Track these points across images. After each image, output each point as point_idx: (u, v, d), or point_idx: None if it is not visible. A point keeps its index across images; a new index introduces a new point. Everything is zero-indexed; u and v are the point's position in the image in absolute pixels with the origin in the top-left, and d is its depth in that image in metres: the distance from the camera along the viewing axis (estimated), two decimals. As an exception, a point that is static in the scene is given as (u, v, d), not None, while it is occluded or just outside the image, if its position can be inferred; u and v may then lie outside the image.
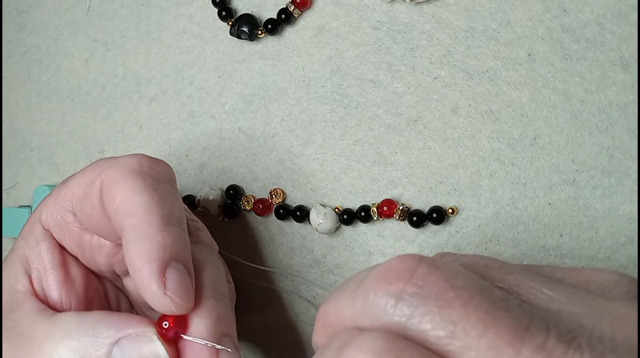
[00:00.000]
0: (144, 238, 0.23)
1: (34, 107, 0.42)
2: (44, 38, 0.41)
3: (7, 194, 0.43)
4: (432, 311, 0.15)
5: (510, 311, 0.15)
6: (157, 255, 0.22)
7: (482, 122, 0.30)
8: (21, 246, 0.26)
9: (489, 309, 0.15)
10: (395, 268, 0.16)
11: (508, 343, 0.14)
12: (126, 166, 0.24)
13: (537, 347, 0.14)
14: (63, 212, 0.26)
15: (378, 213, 0.31)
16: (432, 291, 0.16)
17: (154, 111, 0.37)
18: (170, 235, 0.23)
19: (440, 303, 0.15)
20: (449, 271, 0.16)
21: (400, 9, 0.31)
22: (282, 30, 0.34)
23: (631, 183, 0.27)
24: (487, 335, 0.15)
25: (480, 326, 0.15)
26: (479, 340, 0.15)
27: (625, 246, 0.27)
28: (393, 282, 0.16)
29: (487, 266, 0.18)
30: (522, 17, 0.29)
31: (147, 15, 0.38)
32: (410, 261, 0.16)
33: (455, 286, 0.16)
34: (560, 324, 0.15)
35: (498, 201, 0.29)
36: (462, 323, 0.15)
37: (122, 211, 0.23)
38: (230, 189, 0.34)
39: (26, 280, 0.26)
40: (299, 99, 0.33)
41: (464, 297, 0.15)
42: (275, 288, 0.34)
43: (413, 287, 0.16)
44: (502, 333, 0.15)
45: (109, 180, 0.24)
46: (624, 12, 0.28)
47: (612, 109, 0.28)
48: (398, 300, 0.16)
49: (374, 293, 0.16)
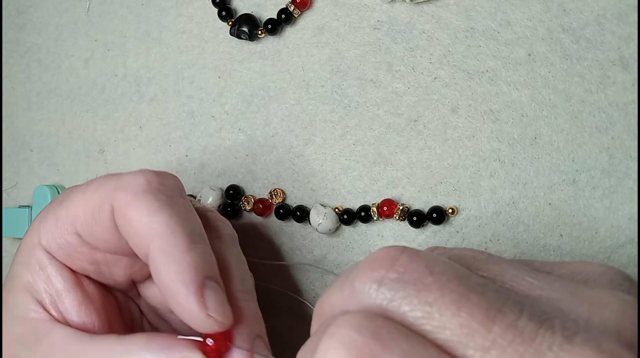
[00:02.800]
0: (173, 260, 0.22)
1: (34, 107, 0.42)
2: (44, 38, 0.41)
3: (7, 195, 0.43)
4: (411, 295, 0.16)
5: (485, 295, 0.16)
6: (191, 276, 0.22)
7: (482, 122, 0.30)
8: (22, 274, 0.26)
9: (463, 292, 0.16)
10: (380, 258, 0.17)
11: (480, 322, 0.15)
12: (136, 187, 0.24)
13: (507, 325, 0.15)
14: (66, 235, 0.25)
15: (378, 213, 0.31)
16: (411, 276, 0.17)
17: (154, 111, 0.37)
18: (198, 253, 0.23)
19: (418, 287, 0.16)
20: (430, 259, 0.17)
21: (400, 9, 0.31)
22: (282, 30, 0.34)
23: (631, 183, 0.27)
24: (460, 315, 0.16)
25: (454, 306, 0.16)
26: (452, 320, 0.16)
27: (625, 246, 0.27)
28: (376, 269, 0.17)
29: (474, 258, 0.19)
30: (522, 17, 0.29)
31: (147, 15, 0.38)
32: (393, 251, 0.17)
33: (433, 272, 0.17)
34: (536, 307, 0.16)
35: (498, 201, 0.29)
36: (437, 304, 0.16)
37: (142, 235, 0.23)
38: (230, 189, 0.34)
39: (39, 307, 0.25)
40: (299, 99, 0.33)
41: (441, 281, 0.16)
42: (275, 288, 0.34)
43: (394, 273, 0.17)
44: (474, 313, 0.16)
45: (120, 204, 0.23)
46: (624, 12, 0.28)
47: (612, 109, 0.28)
48: (380, 285, 0.17)
49: (359, 280, 0.17)
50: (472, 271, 0.18)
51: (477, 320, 0.16)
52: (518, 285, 0.17)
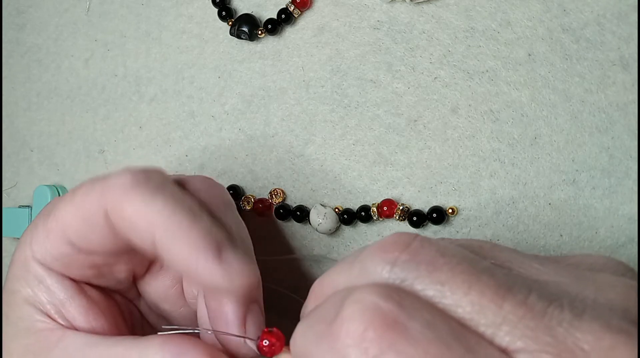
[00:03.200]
0: (182, 236, 0.22)
1: (34, 107, 0.42)
2: (44, 38, 0.41)
3: (7, 195, 0.43)
4: (423, 275, 0.17)
5: (494, 276, 0.17)
6: (205, 243, 0.22)
7: (482, 122, 0.30)
8: (21, 288, 0.25)
9: (473, 272, 0.17)
10: (392, 241, 0.18)
11: (490, 300, 0.16)
12: (124, 185, 0.23)
13: (517, 303, 0.16)
14: (60, 246, 0.25)
15: (378, 213, 0.31)
16: (424, 258, 0.17)
17: (154, 111, 0.37)
18: (204, 223, 0.23)
19: (431, 268, 0.17)
20: (441, 245, 0.18)
21: (400, 9, 0.31)
22: (282, 30, 0.34)
23: (631, 183, 0.27)
24: (471, 293, 0.16)
25: (465, 285, 0.16)
26: (463, 298, 0.16)
27: (625, 246, 0.27)
28: (389, 251, 0.18)
29: (480, 247, 0.19)
30: (522, 17, 0.29)
31: (147, 15, 0.38)
32: (406, 236, 0.18)
33: (445, 255, 0.17)
34: (544, 289, 0.17)
35: (498, 201, 0.29)
36: (449, 283, 0.17)
37: (144, 226, 0.23)
38: (230, 189, 0.34)
39: (45, 318, 0.25)
40: (299, 99, 0.33)
41: (452, 263, 0.17)
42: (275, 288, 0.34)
43: (407, 255, 0.17)
44: (485, 292, 0.16)
45: (113, 205, 0.23)
46: (624, 12, 0.28)
47: (612, 109, 0.28)
48: (393, 266, 0.17)
49: (370, 261, 0.18)
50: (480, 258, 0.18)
51: (487, 297, 0.16)
52: (525, 270, 0.18)
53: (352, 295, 0.17)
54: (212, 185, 0.27)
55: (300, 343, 0.19)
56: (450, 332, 0.16)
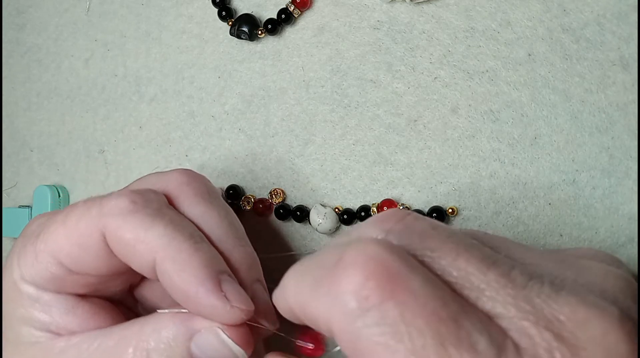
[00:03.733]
0: (183, 264, 0.23)
1: (34, 107, 0.42)
2: (44, 38, 0.41)
3: (7, 195, 0.43)
4: (415, 242, 0.18)
5: (481, 251, 0.18)
6: (206, 274, 0.23)
7: (482, 122, 0.30)
8: (14, 309, 0.25)
9: (462, 244, 0.18)
10: (388, 213, 0.19)
11: (476, 268, 0.17)
12: (122, 209, 0.23)
13: (500, 273, 0.17)
14: (50, 268, 0.24)
15: (378, 213, 0.31)
16: (416, 229, 0.18)
17: (154, 111, 0.37)
18: (205, 252, 0.23)
19: (422, 237, 0.18)
20: (433, 221, 0.19)
21: (400, 9, 0.31)
22: (282, 30, 0.34)
23: (631, 183, 0.27)
24: (459, 260, 0.17)
25: (453, 253, 0.17)
26: (452, 263, 0.17)
27: (625, 246, 0.27)
28: (385, 221, 0.19)
29: (473, 234, 0.20)
30: (522, 17, 0.29)
31: (147, 15, 0.38)
32: (401, 211, 0.19)
33: (436, 229, 0.18)
34: (527, 268, 0.18)
35: (498, 201, 0.29)
36: (438, 251, 0.18)
37: (145, 252, 0.23)
38: (230, 189, 0.34)
39: (46, 333, 0.25)
40: (299, 99, 0.33)
41: (442, 235, 0.18)
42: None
43: (401, 225, 0.18)
44: (471, 261, 0.17)
45: (112, 229, 0.23)
46: (624, 12, 0.28)
47: (612, 109, 0.28)
48: (388, 233, 0.18)
49: (366, 229, 0.19)
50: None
51: (473, 265, 0.17)
52: (512, 254, 0.19)
53: (354, 244, 0.17)
54: (192, 177, 0.27)
55: (292, 290, 0.19)
56: (447, 289, 0.17)
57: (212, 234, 0.25)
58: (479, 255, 0.17)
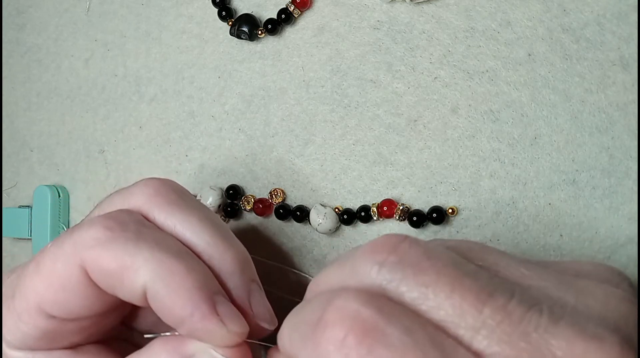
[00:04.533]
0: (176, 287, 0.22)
1: (34, 107, 0.42)
2: (44, 38, 0.42)
3: (7, 195, 0.43)
4: (408, 277, 0.18)
5: (478, 280, 0.17)
6: (200, 297, 0.22)
7: (482, 122, 0.30)
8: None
9: (457, 276, 0.17)
10: (382, 242, 0.19)
11: (471, 304, 0.17)
12: (99, 239, 0.22)
13: (497, 308, 0.17)
14: (40, 324, 0.23)
15: (378, 213, 0.31)
16: (410, 261, 0.18)
17: (154, 111, 0.37)
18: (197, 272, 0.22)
19: (416, 270, 0.18)
20: (428, 247, 0.18)
21: (400, 9, 0.31)
22: (282, 30, 0.34)
23: (631, 183, 0.27)
24: (454, 297, 0.17)
25: (447, 289, 0.17)
26: (445, 301, 0.17)
27: (625, 246, 0.27)
28: (379, 253, 0.18)
29: (469, 249, 0.20)
30: (522, 17, 0.29)
31: (147, 15, 0.38)
32: (395, 238, 0.19)
33: (430, 258, 0.18)
34: (526, 293, 0.17)
35: (498, 201, 0.29)
36: (432, 286, 0.17)
37: (132, 278, 0.22)
38: (230, 189, 0.34)
39: None
40: (299, 99, 0.33)
41: (437, 266, 0.18)
42: (273, 291, 0.34)
43: (395, 257, 0.18)
44: (466, 296, 0.17)
45: (91, 263, 0.22)
46: (624, 12, 0.28)
47: (612, 109, 0.28)
48: (381, 267, 0.18)
49: (361, 261, 0.19)
50: (467, 260, 0.19)
51: (469, 302, 0.17)
52: (511, 273, 0.18)
53: (334, 300, 0.18)
54: (159, 186, 0.26)
55: (287, 343, 0.19)
56: (427, 337, 0.17)
57: (198, 242, 0.24)
58: (476, 288, 0.17)
